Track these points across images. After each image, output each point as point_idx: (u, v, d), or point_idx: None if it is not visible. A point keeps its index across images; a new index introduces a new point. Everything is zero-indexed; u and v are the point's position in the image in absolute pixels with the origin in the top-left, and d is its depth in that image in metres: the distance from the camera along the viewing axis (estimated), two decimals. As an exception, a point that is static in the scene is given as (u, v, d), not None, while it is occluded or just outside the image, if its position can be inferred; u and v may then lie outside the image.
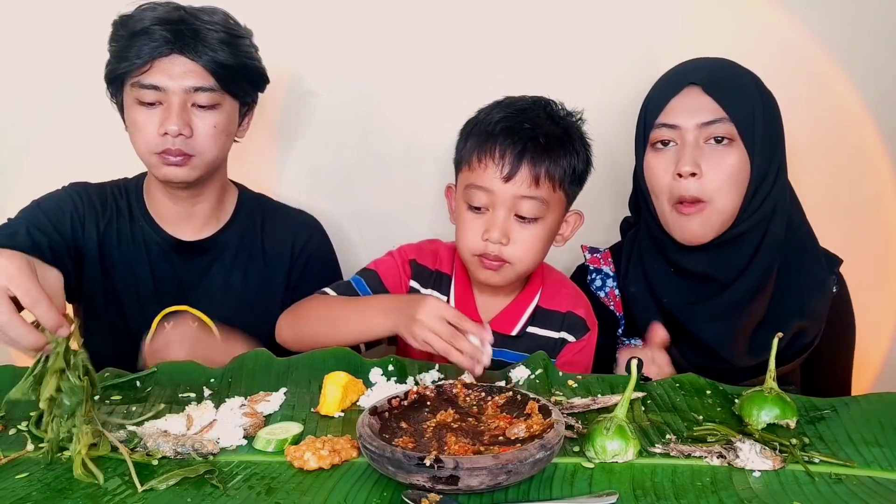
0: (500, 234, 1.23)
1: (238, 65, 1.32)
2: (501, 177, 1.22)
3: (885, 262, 1.79)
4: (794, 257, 1.32)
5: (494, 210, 1.24)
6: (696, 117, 1.25)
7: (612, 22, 1.70)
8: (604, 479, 0.87)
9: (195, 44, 1.27)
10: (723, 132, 1.24)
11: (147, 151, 1.32)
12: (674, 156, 1.26)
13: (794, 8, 1.68)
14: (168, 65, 1.27)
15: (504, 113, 1.26)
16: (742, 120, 1.24)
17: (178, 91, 1.28)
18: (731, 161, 1.24)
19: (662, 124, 1.27)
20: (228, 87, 1.32)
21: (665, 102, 1.28)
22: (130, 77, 1.29)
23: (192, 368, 1.14)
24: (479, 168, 1.24)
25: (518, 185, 1.22)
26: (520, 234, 1.24)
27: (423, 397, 0.99)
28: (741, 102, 1.25)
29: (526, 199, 1.23)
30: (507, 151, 1.22)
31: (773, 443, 0.93)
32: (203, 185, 1.40)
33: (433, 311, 1.12)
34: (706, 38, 1.67)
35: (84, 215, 1.39)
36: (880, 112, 1.73)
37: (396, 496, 0.82)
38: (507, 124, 1.24)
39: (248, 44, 1.36)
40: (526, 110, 1.27)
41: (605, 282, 1.43)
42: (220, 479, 0.86)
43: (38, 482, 0.86)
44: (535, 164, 1.22)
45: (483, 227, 1.24)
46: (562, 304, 1.36)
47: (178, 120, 1.27)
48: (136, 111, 1.30)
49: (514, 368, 1.15)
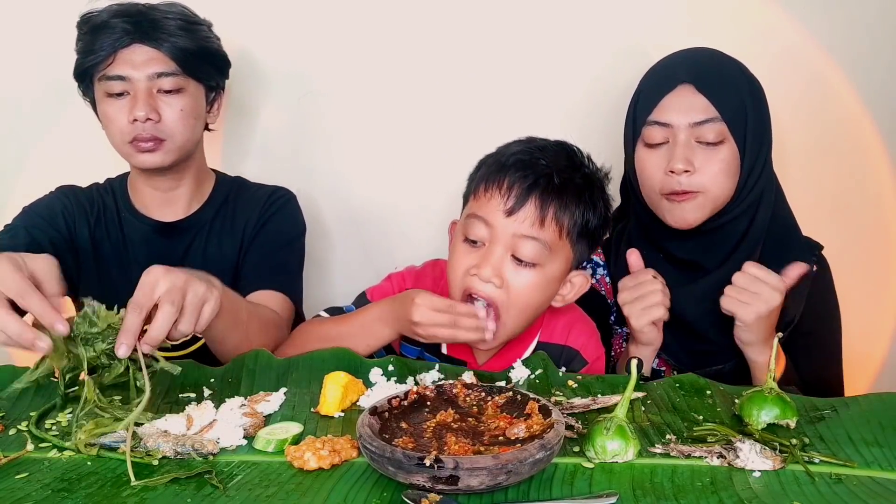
0: (492, 272, 1.12)
1: (198, 49, 1.38)
2: (504, 209, 1.12)
3: (885, 262, 1.79)
4: (777, 241, 1.35)
5: (490, 245, 1.14)
6: (688, 116, 1.26)
7: (612, 22, 1.70)
8: (604, 480, 0.87)
9: (154, 32, 1.34)
10: (714, 132, 1.26)
11: (121, 142, 1.37)
12: (666, 153, 1.28)
13: (792, 8, 1.68)
14: (130, 54, 1.34)
15: (521, 147, 1.19)
16: (733, 117, 1.26)
17: (143, 78, 1.34)
18: (722, 156, 1.27)
19: (655, 122, 1.29)
20: (191, 71, 1.38)
21: (657, 100, 1.29)
22: (97, 72, 1.35)
23: (193, 368, 1.14)
24: (483, 198, 1.15)
25: (520, 221, 1.12)
26: (514, 279, 1.13)
27: (423, 397, 0.99)
28: (732, 99, 1.27)
29: (526, 240, 1.12)
30: (515, 184, 1.12)
31: (773, 443, 0.93)
32: (180, 171, 1.45)
33: (424, 309, 1.11)
34: (705, 38, 1.67)
35: (75, 215, 1.44)
36: (879, 112, 1.73)
37: (396, 496, 0.82)
38: (522, 157, 1.16)
39: (206, 30, 1.42)
40: (545, 149, 1.19)
41: (595, 270, 1.46)
42: (220, 479, 0.86)
43: (38, 482, 0.86)
44: (542, 203, 1.12)
45: (475, 264, 1.14)
46: (558, 335, 1.28)
47: (145, 105, 1.33)
48: (106, 104, 1.36)
49: (513, 369, 1.16)
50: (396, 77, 1.72)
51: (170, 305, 0.95)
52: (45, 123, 1.70)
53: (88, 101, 1.42)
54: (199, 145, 1.47)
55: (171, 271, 0.99)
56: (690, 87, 1.27)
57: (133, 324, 0.94)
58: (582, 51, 1.71)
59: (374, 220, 1.78)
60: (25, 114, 1.70)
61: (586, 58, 1.71)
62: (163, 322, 0.95)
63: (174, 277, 0.98)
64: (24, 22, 1.66)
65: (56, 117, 1.68)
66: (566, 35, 1.70)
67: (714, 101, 1.25)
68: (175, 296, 0.96)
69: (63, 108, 1.44)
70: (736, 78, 1.30)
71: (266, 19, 1.70)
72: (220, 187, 1.53)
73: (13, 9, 1.66)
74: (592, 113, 1.69)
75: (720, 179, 1.27)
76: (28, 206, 1.43)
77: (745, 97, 1.28)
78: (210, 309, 1.02)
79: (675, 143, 1.26)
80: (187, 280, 0.99)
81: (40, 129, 1.71)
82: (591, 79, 1.71)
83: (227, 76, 1.48)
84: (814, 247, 1.41)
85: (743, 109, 1.27)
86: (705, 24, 1.69)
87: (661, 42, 1.67)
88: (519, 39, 1.70)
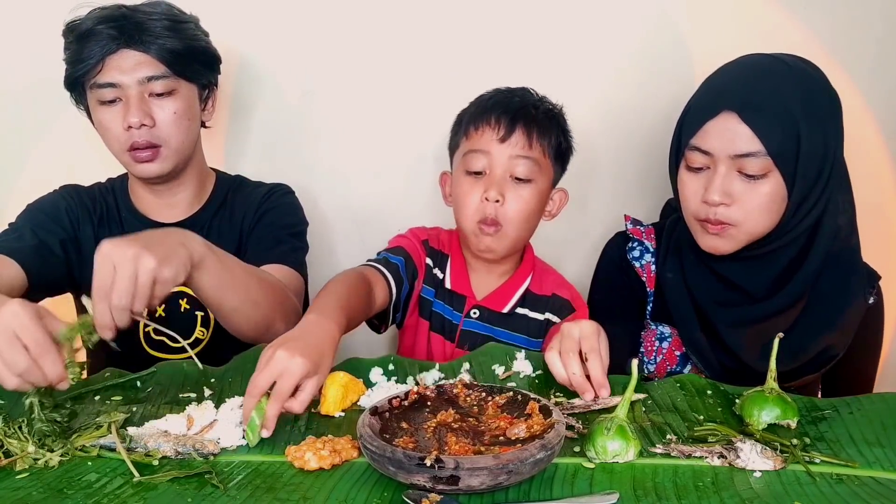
0: (497, 191, 1.32)
1: (187, 49, 1.36)
2: (497, 138, 1.32)
3: (886, 262, 1.78)
4: (834, 270, 1.27)
5: (492, 171, 1.33)
6: (730, 147, 1.17)
7: (612, 22, 1.70)
8: (604, 480, 0.87)
9: (141, 35, 1.31)
10: (758, 166, 1.17)
11: (119, 150, 1.36)
12: (705, 180, 1.22)
13: (795, 8, 1.68)
14: (118, 60, 1.31)
15: (495, 93, 1.39)
16: (781, 151, 1.16)
17: (133, 84, 1.32)
18: (765, 191, 1.18)
19: (696, 147, 1.22)
20: (182, 72, 1.36)
21: (700, 124, 1.21)
22: (87, 79, 1.33)
23: (193, 368, 1.14)
24: (475, 135, 1.35)
25: (513, 145, 1.32)
26: (515, 194, 1.33)
27: (423, 397, 0.99)
28: (781, 130, 1.16)
29: (521, 159, 1.32)
30: (501, 117, 1.33)
31: (774, 443, 0.93)
32: (180, 176, 1.43)
33: None
34: (707, 39, 1.67)
35: (79, 214, 1.43)
36: (882, 112, 1.73)
37: (397, 496, 0.82)
38: (500, 98, 1.37)
39: (193, 27, 1.39)
40: (515, 91, 1.40)
41: (643, 254, 1.41)
42: (220, 479, 0.86)
43: (38, 482, 0.86)
44: (527, 128, 1.33)
45: (482, 190, 1.33)
46: (547, 289, 1.44)
47: (138, 111, 1.31)
48: (100, 112, 1.35)
49: (516, 360, 1.16)
50: (397, 75, 1.72)
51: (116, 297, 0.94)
52: (45, 123, 1.70)
53: (82, 110, 1.40)
54: (197, 146, 1.45)
55: (119, 245, 0.96)
56: (735, 116, 1.17)
57: (104, 315, 0.94)
58: (582, 52, 1.71)
59: (374, 218, 1.78)
60: (25, 114, 1.70)
61: (587, 59, 1.71)
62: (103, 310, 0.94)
63: (120, 252, 0.95)
64: (24, 22, 1.66)
65: (56, 117, 1.68)
66: (568, 36, 1.70)
67: (759, 132, 1.15)
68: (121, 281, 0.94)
69: (63, 108, 1.43)
70: (789, 102, 1.17)
71: (264, 18, 1.69)
72: (220, 187, 1.51)
73: (13, 8, 1.66)
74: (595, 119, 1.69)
75: (756, 215, 1.19)
76: (31, 205, 1.42)
77: (798, 124, 1.16)
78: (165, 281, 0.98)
79: (715, 173, 1.20)
80: (135, 254, 0.95)
81: (40, 129, 1.71)
82: (592, 81, 1.71)
83: (218, 72, 1.46)
84: (872, 277, 1.33)
85: (794, 139, 1.16)
86: (706, 25, 1.69)
87: (661, 43, 1.69)
88: (520, 35, 1.70)
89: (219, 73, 1.47)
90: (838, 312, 1.27)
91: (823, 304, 1.27)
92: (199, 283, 1.07)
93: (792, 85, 1.19)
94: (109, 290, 0.94)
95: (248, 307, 1.15)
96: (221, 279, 1.10)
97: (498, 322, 1.41)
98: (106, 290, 0.94)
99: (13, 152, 1.71)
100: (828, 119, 1.21)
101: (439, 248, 1.45)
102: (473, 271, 1.43)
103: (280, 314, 1.20)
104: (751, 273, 1.28)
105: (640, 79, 1.70)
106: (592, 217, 1.70)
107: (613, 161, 1.75)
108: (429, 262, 1.43)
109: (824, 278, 1.26)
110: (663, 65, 1.68)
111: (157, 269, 0.96)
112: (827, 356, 1.28)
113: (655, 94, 1.68)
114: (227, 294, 1.12)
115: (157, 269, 0.96)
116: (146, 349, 1.42)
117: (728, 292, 1.30)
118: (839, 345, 1.29)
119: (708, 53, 1.35)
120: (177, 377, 1.13)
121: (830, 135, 1.21)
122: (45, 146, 1.71)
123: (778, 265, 1.27)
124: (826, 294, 1.26)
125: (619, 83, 1.71)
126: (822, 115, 1.20)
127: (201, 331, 1.43)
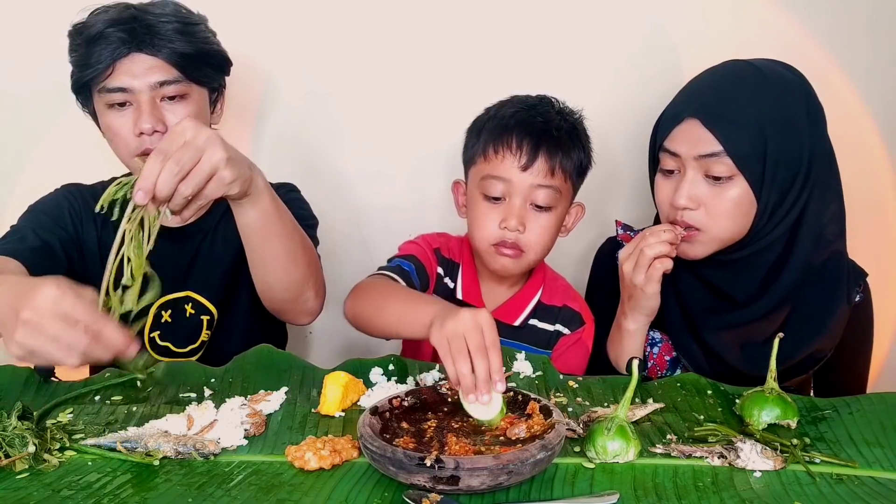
0: (518, 221, 1.28)
1: (198, 52, 1.33)
2: (519, 166, 1.27)
3: (886, 262, 1.79)
4: (819, 277, 1.27)
5: (511, 199, 1.29)
6: (694, 149, 1.20)
7: (612, 21, 1.70)
8: (605, 480, 0.87)
9: (151, 39, 1.28)
10: (722, 169, 1.18)
11: (128, 155, 1.32)
12: (675, 183, 1.24)
13: (793, 8, 1.68)
14: (129, 64, 1.28)
15: (515, 108, 1.32)
16: (745, 156, 1.18)
17: (145, 88, 1.28)
18: (731, 195, 1.20)
19: (666, 150, 1.25)
20: (193, 76, 1.33)
21: (670, 129, 1.24)
22: (96, 83, 1.30)
23: (194, 369, 1.14)
24: (495, 159, 1.29)
25: (535, 174, 1.27)
26: (535, 223, 1.30)
27: (424, 397, 0.99)
28: (745, 136, 1.18)
29: (542, 188, 1.28)
30: (523, 142, 1.27)
31: (774, 443, 0.93)
32: None
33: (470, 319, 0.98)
34: (706, 39, 1.67)
35: (81, 215, 1.40)
36: (880, 112, 1.73)
37: (397, 496, 0.82)
38: (521, 118, 1.30)
39: (203, 29, 1.36)
40: (536, 106, 1.33)
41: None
42: (221, 479, 0.86)
43: (38, 482, 0.86)
44: (550, 156, 1.28)
45: (500, 217, 1.29)
46: (558, 300, 1.41)
47: (150, 117, 1.28)
48: (109, 116, 1.31)
49: (517, 359, 1.15)
50: (400, 76, 1.72)
51: (174, 162, 0.91)
52: (45, 123, 1.70)
53: (88, 113, 1.37)
54: None
55: (201, 127, 0.96)
56: (697, 122, 1.20)
57: (151, 174, 0.91)
58: (583, 54, 1.71)
59: (377, 219, 1.78)
60: (25, 114, 1.70)
61: (587, 61, 1.71)
62: (154, 169, 0.91)
63: (198, 132, 0.94)
64: (25, 21, 1.66)
65: (56, 117, 1.68)
66: (571, 36, 1.70)
67: (721, 137, 1.18)
68: (186, 153, 0.92)
69: (63, 108, 1.42)
70: (757, 110, 1.19)
71: (268, 19, 1.69)
72: None
73: (13, 8, 1.66)
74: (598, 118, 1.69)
75: (722, 220, 1.21)
76: (33, 205, 1.40)
77: (765, 130, 1.18)
78: (222, 179, 0.97)
79: (684, 175, 1.22)
80: (209, 139, 0.95)
81: (40, 129, 1.70)
82: (592, 83, 1.71)
83: (228, 74, 1.44)
84: (859, 275, 1.34)
85: (760, 145, 1.18)
86: (705, 24, 1.69)
87: (662, 45, 1.69)
88: (522, 36, 1.70)
89: (228, 75, 1.44)
90: (824, 319, 1.28)
91: (809, 311, 1.28)
92: (249, 215, 1.08)
93: (762, 91, 1.21)
94: (168, 157, 0.92)
95: (287, 260, 1.15)
96: (271, 220, 1.11)
97: (509, 334, 1.36)
98: (166, 154, 0.92)
99: (13, 152, 1.71)
100: (804, 126, 1.22)
101: (450, 258, 1.42)
102: (485, 281, 1.41)
103: (313, 282, 1.21)
104: (734, 278, 1.29)
105: (636, 83, 1.70)
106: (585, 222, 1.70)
107: (612, 167, 1.75)
108: (440, 272, 1.40)
109: (809, 286, 1.27)
110: (656, 70, 1.69)
111: (223, 163, 0.96)
112: (814, 359, 1.30)
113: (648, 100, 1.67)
114: (272, 238, 1.12)
115: (223, 163, 0.96)
116: (151, 354, 1.41)
117: (715, 298, 1.32)
118: (826, 347, 1.30)
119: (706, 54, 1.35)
120: (177, 377, 1.13)
121: (807, 142, 1.21)
122: (45, 147, 1.71)
123: (759, 269, 1.28)
124: (811, 302, 1.27)
125: (615, 87, 1.71)
126: (798, 123, 1.21)
127: (207, 333, 1.43)
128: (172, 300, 1.39)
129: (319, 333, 1.86)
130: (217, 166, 0.96)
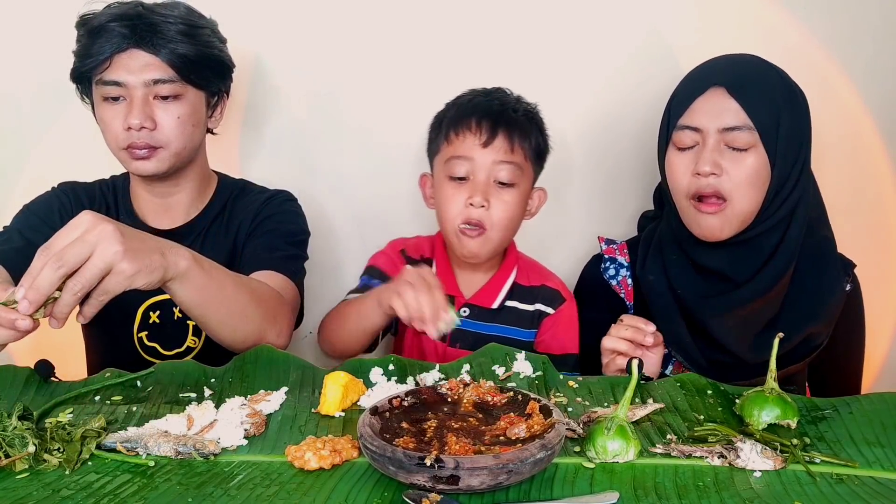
0: (482, 197, 1.34)
1: (198, 55, 1.34)
2: (480, 143, 1.33)
3: (886, 262, 1.79)
4: (811, 261, 1.32)
5: (475, 176, 1.35)
6: (718, 121, 1.23)
7: (612, 21, 1.70)
8: (605, 480, 0.87)
9: (152, 37, 1.29)
10: (744, 140, 1.22)
11: (116, 147, 1.35)
12: (694, 156, 1.26)
13: (794, 9, 1.68)
14: (127, 59, 1.30)
15: (472, 95, 1.41)
16: (765, 126, 1.23)
17: (139, 85, 1.30)
18: (750, 163, 1.23)
19: (685, 126, 1.26)
20: (190, 78, 1.34)
21: (688, 103, 1.27)
22: (94, 75, 1.32)
23: (193, 368, 1.14)
24: (457, 140, 1.36)
25: (496, 150, 1.34)
26: (498, 199, 1.35)
27: (424, 397, 0.99)
28: (766, 107, 1.23)
29: (504, 164, 1.34)
30: (482, 122, 1.34)
31: (774, 443, 0.93)
32: (179, 176, 1.41)
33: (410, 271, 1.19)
34: (706, 39, 1.67)
35: (73, 212, 1.39)
36: (881, 113, 1.73)
37: (397, 496, 0.82)
38: (479, 102, 1.38)
39: (209, 34, 1.37)
40: (492, 93, 1.41)
41: (618, 271, 1.45)
42: (221, 479, 0.86)
43: (38, 482, 0.85)
44: (509, 132, 1.34)
45: (466, 194, 1.35)
46: (535, 280, 1.48)
47: (140, 113, 1.29)
48: (103, 108, 1.33)
49: (517, 359, 1.16)
50: (400, 76, 1.72)
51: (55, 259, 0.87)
52: (45, 123, 1.70)
53: (87, 103, 1.39)
54: (199, 151, 1.42)
55: (100, 222, 0.91)
56: (723, 91, 1.24)
57: (35, 265, 0.89)
58: (584, 55, 1.71)
59: (377, 220, 1.78)
60: (25, 114, 1.70)
61: (588, 62, 1.71)
62: (36, 265, 0.88)
63: (92, 227, 0.90)
64: (24, 21, 1.66)
65: (56, 117, 1.68)
66: (573, 36, 1.70)
67: (746, 106, 1.22)
68: (73, 248, 0.88)
69: (63, 108, 1.43)
70: (773, 85, 1.26)
71: (268, 19, 1.69)
72: (221, 192, 1.48)
73: (13, 8, 1.66)
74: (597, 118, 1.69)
75: (744, 188, 1.24)
76: (28, 204, 1.41)
77: (780, 106, 1.24)
78: (121, 272, 0.92)
79: (704, 147, 1.24)
80: (101, 233, 0.90)
81: (40, 129, 1.71)
82: (593, 84, 1.71)
83: (229, 80, 1.44)
84: (847, 266, 1.38)
85: (776, 118, 1.23)
86: (706, 25, 1.69)
87: (663, 45, 1.69)
88: (526, 39, 1.70)
89: (230, 81, 1.44)
90: (820, 302, 1.32)
91: (805, 294, 1.31)
92: (179, 295, 1.05)
93: (772, 71, 1.28)
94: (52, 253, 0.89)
95: (235, 320, 1.13)
96: (206, 293, 1.07)
97: (489, 318, 1.43)
98: (56, 253, 0.89)
99: (13, 152, 1.71)
100: (802, 115, 1.29)
101: (419, 256, 1.47)
102: (459, 271, 1.46)
103: (272, 326, 1.18)
104: (734, 261, 1.31)
105: (630, 83, 1.71)
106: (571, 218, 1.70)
107: (599, 164, 1.76)
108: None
109: (804, 270, 1.31)
110: (666, 63, 1.69)
111: (119, 257, 0.91)
112: (810, 346, 1.31)
113: (643, 99, 1.68)
114: (213, 308, 1.10)
115: (119, 257, 0.91)
116: (141, 354, 1.42)
117: (711, 283, 1.33)
118: (822, 334, 1.32)
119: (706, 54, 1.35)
120: (177, 377, 1.13)
121: (804, 130, 1.28)
122: (45, 147, 1.71)
123: (761, 252, 1.30)
124: (807, 285, 1.30)
125: (609, 87, 1.72)
126: (799, 110, 1.28)
127: (193, 339, 1.42)
128: (160, 301, 1.39)
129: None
130: (111, 261, 0.91)
